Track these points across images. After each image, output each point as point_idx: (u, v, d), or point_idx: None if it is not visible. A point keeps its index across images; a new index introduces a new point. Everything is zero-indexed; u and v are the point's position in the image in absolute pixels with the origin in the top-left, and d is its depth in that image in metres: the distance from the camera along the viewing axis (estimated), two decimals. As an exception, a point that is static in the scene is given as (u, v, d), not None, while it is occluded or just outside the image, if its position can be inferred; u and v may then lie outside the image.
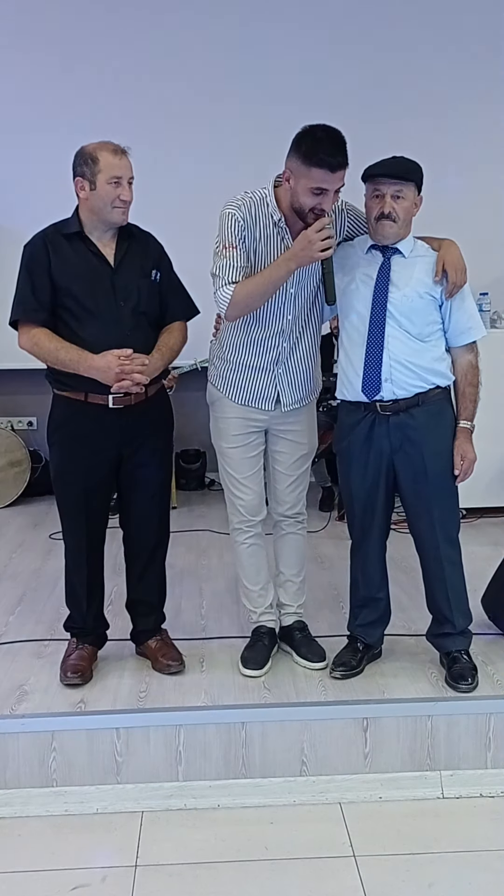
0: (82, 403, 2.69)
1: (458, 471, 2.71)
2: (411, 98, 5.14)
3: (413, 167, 2.63)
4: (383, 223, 2.61)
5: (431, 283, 2.65)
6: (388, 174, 2.58)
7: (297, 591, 3.04)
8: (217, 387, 2.89)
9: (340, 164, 2.50)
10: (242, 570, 3.00)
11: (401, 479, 2.76)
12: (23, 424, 5.51)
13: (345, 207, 2.75)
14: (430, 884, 2.23)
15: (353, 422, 2.78)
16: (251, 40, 5.11)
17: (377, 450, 2.74)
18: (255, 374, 2.80)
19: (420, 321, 2.66)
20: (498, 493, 4.70)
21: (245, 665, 2.90)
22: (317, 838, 2.42)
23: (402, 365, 2.66)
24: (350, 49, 5.12)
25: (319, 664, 2.90)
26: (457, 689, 2.73)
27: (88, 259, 2.68)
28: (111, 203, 2.62)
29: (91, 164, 2.60)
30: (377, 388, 2.67)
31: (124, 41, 5.08)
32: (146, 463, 2.82)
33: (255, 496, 2.91)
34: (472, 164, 5.23)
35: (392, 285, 2.66)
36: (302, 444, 2.92)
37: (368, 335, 2.67)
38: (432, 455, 2.70)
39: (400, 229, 2.63)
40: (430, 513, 2.74)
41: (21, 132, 5.05)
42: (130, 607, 3.00)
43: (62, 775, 2.59)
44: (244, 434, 2.86)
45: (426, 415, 2.70)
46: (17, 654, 3.06)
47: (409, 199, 2.61)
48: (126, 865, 2.31)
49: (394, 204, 2.59)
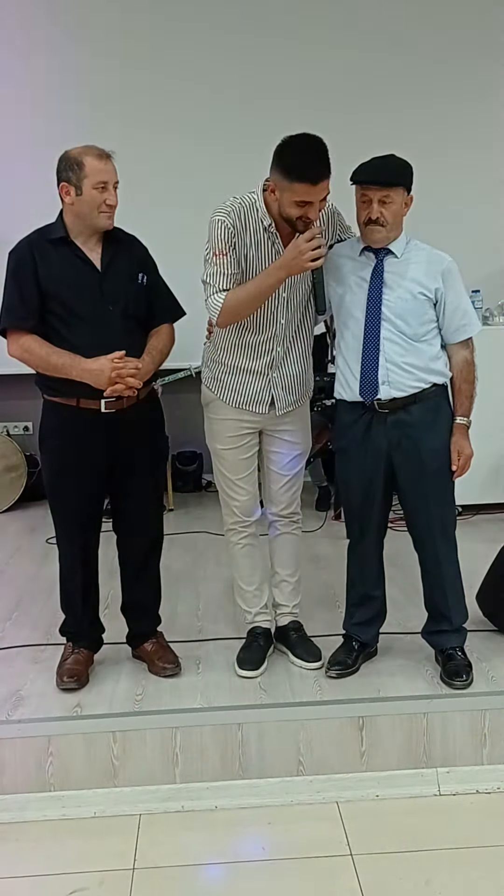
0: (74, 409, 2.69)
1: (455, 466, 2.72)
2: (404, 93, 5.14)
3: (399, 169, 2.61)
4: (372, 228, 2.62)
5: (425, 282, 2.65)
6: (374, 182, 2.57)
7: (293, 592, 3.05)
8: (211, 389, 2.89)
9: (321, 176, 2.49)
10: (237, 570, 3.01)
11: (399, 476, 2.76)
12: (19, 429, 5.52)
13: (333, 211, 2.76)
14: (427, 881, 2.23)
15: (351, 420, 2.78)
16: (247, 42, 5.10)
17: (375, 447, 2.75)
18: (249, 377, 2.81)
19: (415, 321, 2.66)
20: (494, 490, 4.70)
21: (241, 666, 2.91)
22: (314, 838, 2.43)
23: (399, 367, 2.66)
24: (346, 44, 5.13)
25: (315, 664, 2.90)
26: (451, 686, 2.74)
27: (75, 264, 2.67)
28: (97, 208, 2.62)
29: (77, 170, 2.59)
30: (374, 390, 2.68)
31: (109, 43, 5.08)
32: (138, 466, 2.82)
33: (250, 497, 2.92)
34: (465, 160, 5.23)
35: (386, 287, 2.66)
36: (296, 445, 2.93)
37: (364, 339, 2.68)
38: (429, 451, 2.71)
39: (389, 232, 2.63)
40: (427, 509, 2.75)
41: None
42: (126, 611, 3.01)
43: (59, 779, 2.60)
44: (238, 436, 2.87)
45: (423, 411, 2.70)
46: (14, 660, 3.06)
47: (396, 203, 2.60)
48: (124, 868, 2.31)
49: (381, 209, 2.59)
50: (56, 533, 2.89)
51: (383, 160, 2.62)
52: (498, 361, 4.50)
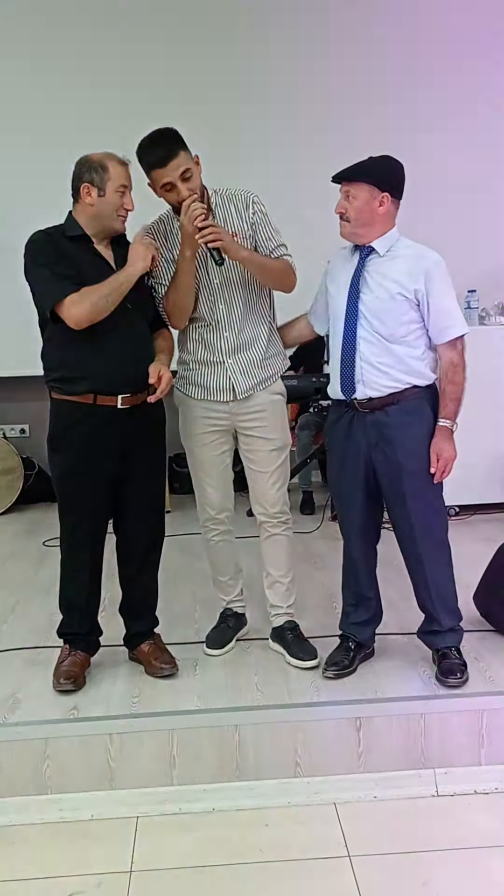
0: (89, 407, 2.70)
1: (433, 469, 2.69)
2: (399, 98, 5.17)
3: (364, 167, 2.64)
4: (340, 222, 2.68)
5: (406, 284, 2.64)
6: (335, 177, 2.65)
7: (286, 592, 3.06)
8: (179, 387, 2.97)
9: (166, 157, 2.61)
10: (212, 563, 3.16)
11: (379, 477, 2.77)
12: (15, 432, 5.52)
13: (247, 199, 2.81)
14: (425, 882, 2.23)
15: (335, 418, 2.83)
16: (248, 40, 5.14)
17: (355, 447, 2.76)
18: (207, 368, 2.88)
19: (392, 322, 2.65)
20: (491, 490, 4.71)
21: (208, 645, 3.07)
22: (312, 839, 2.42)
23: (373, 366, 2.67)
24: (347, 42, 5.17)
25: (311, 662, 2.91)
26: (445, 685, 2.74)
27: (94, 261, 2.70)
28: (116, 211, 2.69)
29: (101, 172, 2.65)
30: (352, 388, 2.70)
31: (99, 47, 5.10)
32: (145, 463, 2.84)
33: (220, 495, 3.01)
34: (460, 162, 5.24)
35: (364, 286, 2.68)
36: (271, 440, 2.93)
37: (343, 337, 2.71)
38: (406, 453, 2.69)
39: (356, 228, 2.66)
40: (406, 510, 2.74)
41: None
42: (124, 610, 3.00)
43: (56, 782, 2.59)
44: (207, 433, 2.93)
45: (401, 413, 2.69)
46: (10, 662, 3.06)
47: (360, 199, 2.63)
48: (121, 871, 2.31)
49: (346, 203, 2.65)
50: (62, 530, 2.87)
51: (362, 160, 2.66)
52: (494, 361, 4.52)
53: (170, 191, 2.66)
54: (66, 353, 2.70)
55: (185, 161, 2.64)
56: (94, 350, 2.66)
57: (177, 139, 2.66)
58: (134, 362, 2.71)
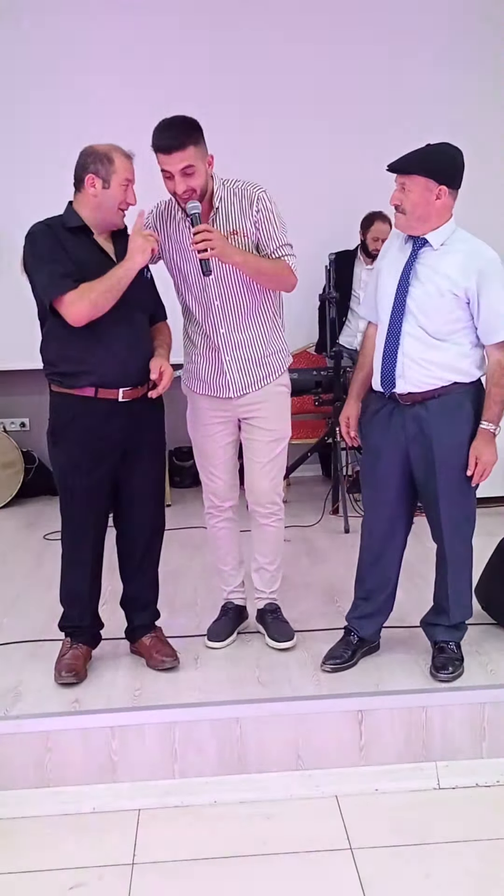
0: (91, 400, 2.69)
1: (470, 471, 2.65)
2: (410, 84, 5.15)
3: (419, 158, 2.53)
4: (395, 214, 2.62)
5: (457, 280, 2.55)
6: (390, 167, 2.57)
7: (271, 579, 3.12)
8: (185, 381, 3.00)
9: (172, 146, 2.56)
10: (214, 551, 3.17)
11: (414, 469, 2.73)
12: (15, 426, 5.51)
13: (253, 197, 2.73)
14: (427, 874, 2.23)
15: (375, 409, 2.77)
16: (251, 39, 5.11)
17: (394, 438, 2.71)
18: (206, 363, 2.89)
19: (439, 319, 2.59)
20: (493, 483, 4.67)
21: (209, 637, 3.07)
22: (313, 832, 2.42)
23: (415, 362, 2.62)
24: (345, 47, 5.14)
25: (287, 643, 2.99)
26: (435, 678, 2.74)
27: (95, 253, 2.69)
28: (118, 204, 2.67)
29: (107, 164, 2.62)
30: (392, 383, 2.66)
31: (95, 39, 5.07)
32: (146, 456, 2.84)
33: (224, 484, 3.02)
34: (479, 150, 5.20)
35: (416, 280, 2.61)
36: (270, 431, 2.93)
37: (388, 330, 2.65)
38: (442, 448, 2.64)
39: (410, 220, 2.58)
40: (437, 505, 2.70)
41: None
42: (125, 603, 3.00)
43: (58, 775, 2.59)
44: (211, 424, 2.95)
45: (441, 407, 2.64)
46: (12, 656, 3.05)
47: (415, 191, 2.53)
48: (123, 864, 2.31)
49: (401, 195, 2.57)
50: (64, 523, 2.86)
51: (419, 149, 2.56)
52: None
53: (168, 178, 2.63)
54: (67, 347, 2.69)
55: (192, 157, 2.58)
56: (95, 344, 2.65)
57: (190, 132, 2.58)
58: (134, 355, 2.71)
